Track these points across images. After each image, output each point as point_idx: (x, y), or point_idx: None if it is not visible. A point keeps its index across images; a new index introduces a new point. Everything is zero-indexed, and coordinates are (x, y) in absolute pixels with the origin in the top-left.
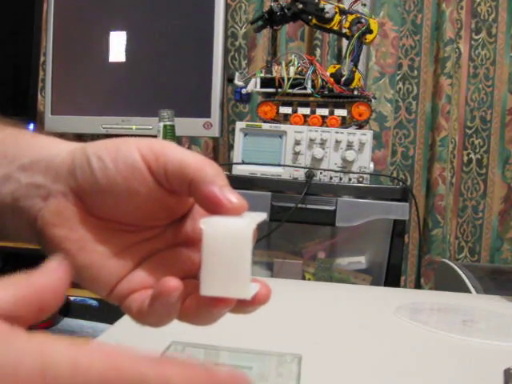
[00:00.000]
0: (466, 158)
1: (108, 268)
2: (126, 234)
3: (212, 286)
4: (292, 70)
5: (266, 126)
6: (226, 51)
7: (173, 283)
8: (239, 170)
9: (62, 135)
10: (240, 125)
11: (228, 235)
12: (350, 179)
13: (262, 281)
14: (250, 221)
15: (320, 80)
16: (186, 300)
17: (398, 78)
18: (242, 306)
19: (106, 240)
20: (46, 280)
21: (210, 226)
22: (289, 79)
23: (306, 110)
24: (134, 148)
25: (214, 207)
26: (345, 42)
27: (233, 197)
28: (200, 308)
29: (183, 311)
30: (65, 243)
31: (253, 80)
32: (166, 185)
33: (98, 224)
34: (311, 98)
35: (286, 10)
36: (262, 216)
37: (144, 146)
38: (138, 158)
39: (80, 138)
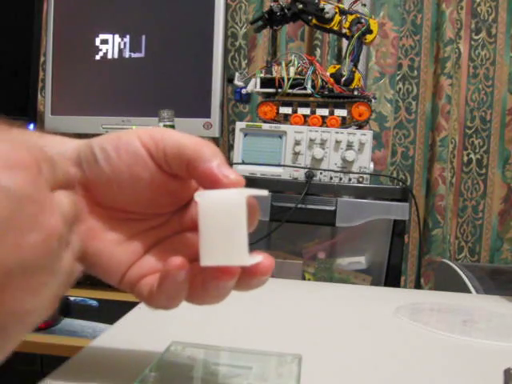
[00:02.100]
0: (465, 158)
1: (118, 255)
2: (133, 222)
3: (211, 256)
4: (292, 70)
5: (265, 126)
6: (226, 51)
7: (178, 261)
8: (239, 170)
9: (63, 135)
10: (240, 125)
11: (222, 204)
12: (350, 179)
13: (265, 254)
14: (244, 189)
15: (320, 80)
16: (193, 281)
17: (398, 78)
18: (246, 277)
19: (115, 228)
20: None
21: (204, 198)
22: (289, 79)
23: (306, 110)
24: (134, 137)
25: (212, 184)
26: (345, 42)
27: (229, 173)
28: (206, 283)
29: (191, 291)
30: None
31: (253, 80)
32: (166, 168)
33: (105, 213)
34: (311, 98)
35: (285, 10)
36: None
37: (144, 134)
38: (138, 145)
39: (80, 137)
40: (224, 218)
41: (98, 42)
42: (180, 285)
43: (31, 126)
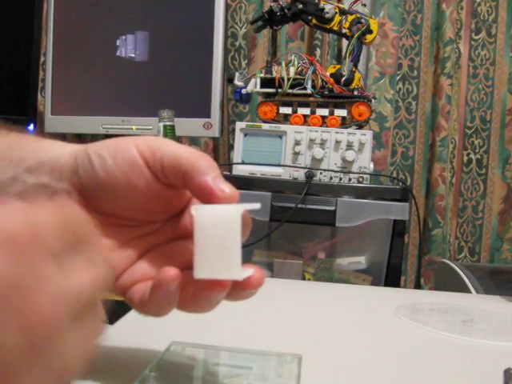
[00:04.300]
0: (465, 158)
1: (111, 260)
2: (127, 228)
3: (205, 269)
4: (292, 70)
5: (265, 126)
6: (226, 51)
7: (172, 272)
8: (239, 170)
9: (63, 135)
10: (240, 125)
11: (217, 219)
12: (349, 179)
13: (256, 267)
14: (239, 206)
15: (320, 80)
16: (184, 289)
17: (398, 78)
18: (237, 290)
19: (109, 234)
20: None
21: (200, 212)
22: (289, 79)
23: (306, 110)
24: (131, 145)
25: (207, 197)
26: (345, 42)
27: (225, 186)
28: (197, 294)
29: (182, 300)
30: None
31: (253, 80)
32: (162, 178)
33: (100, 219)
34: (311, 98)
35: (285, 11)
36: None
37: (141, 142)
38: (135, 154)
39: (80, 138)
40: (219, 233)
41: (98, 41)
42: (172, 294)
43: (31, 126)
